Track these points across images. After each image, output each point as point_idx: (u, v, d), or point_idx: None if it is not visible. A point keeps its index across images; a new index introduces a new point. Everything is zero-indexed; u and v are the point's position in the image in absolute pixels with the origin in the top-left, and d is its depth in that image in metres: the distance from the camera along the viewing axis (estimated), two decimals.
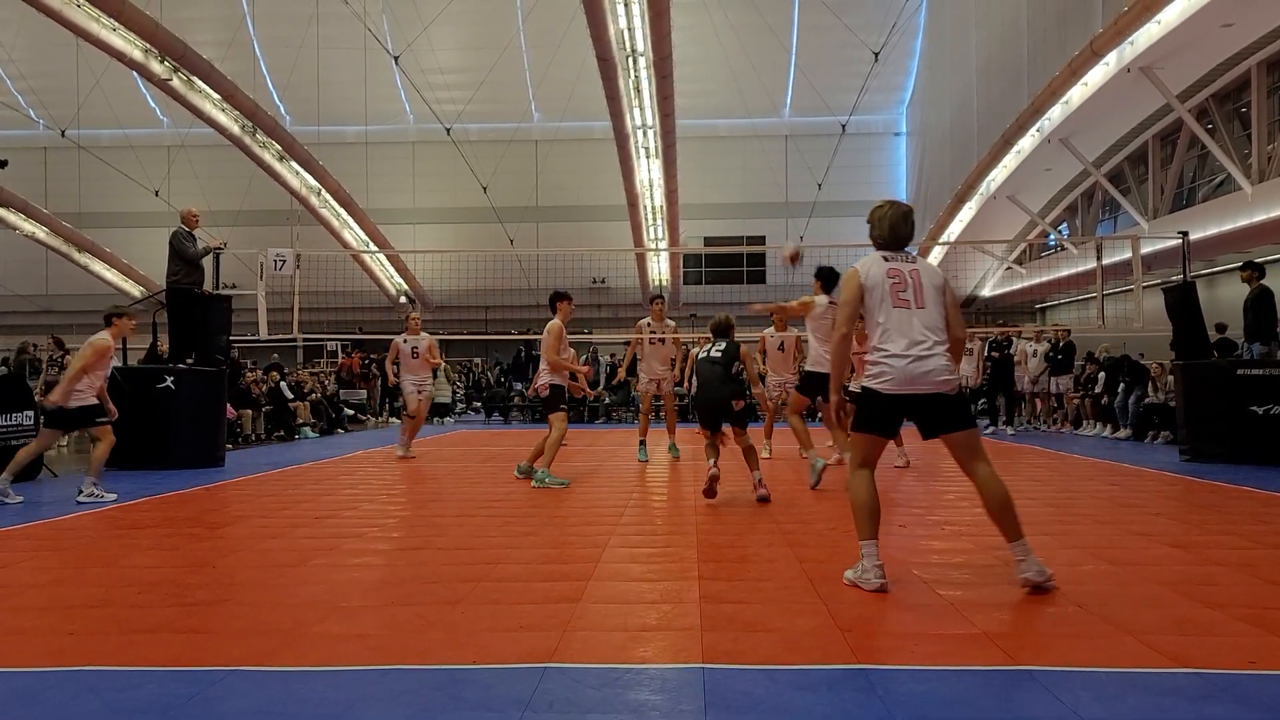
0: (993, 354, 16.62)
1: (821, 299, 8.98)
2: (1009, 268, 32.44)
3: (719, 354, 7.57)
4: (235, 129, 28.85)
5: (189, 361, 10.95)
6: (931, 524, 6.51)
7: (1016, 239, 30.78)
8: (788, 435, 11.80)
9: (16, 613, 4.21)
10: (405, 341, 12.36)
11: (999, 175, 27.32)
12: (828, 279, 9.11)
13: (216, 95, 27.10)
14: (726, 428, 7.64)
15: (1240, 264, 11.95)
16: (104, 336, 8.24)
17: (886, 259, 4.63)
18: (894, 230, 4.70)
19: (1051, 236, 30.57)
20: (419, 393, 12.37)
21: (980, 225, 29.85)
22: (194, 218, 11.31)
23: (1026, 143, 25.14)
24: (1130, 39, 18.83)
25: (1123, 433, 14.70)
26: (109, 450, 8.24)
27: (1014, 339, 17.08)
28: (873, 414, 4.54)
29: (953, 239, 30.40)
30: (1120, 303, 18.19)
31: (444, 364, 23.65)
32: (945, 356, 4.48)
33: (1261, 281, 11.32)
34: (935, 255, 32.52)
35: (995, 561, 5.16)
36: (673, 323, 11.30)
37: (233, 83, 26.86)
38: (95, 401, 8.14)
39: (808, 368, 9.46)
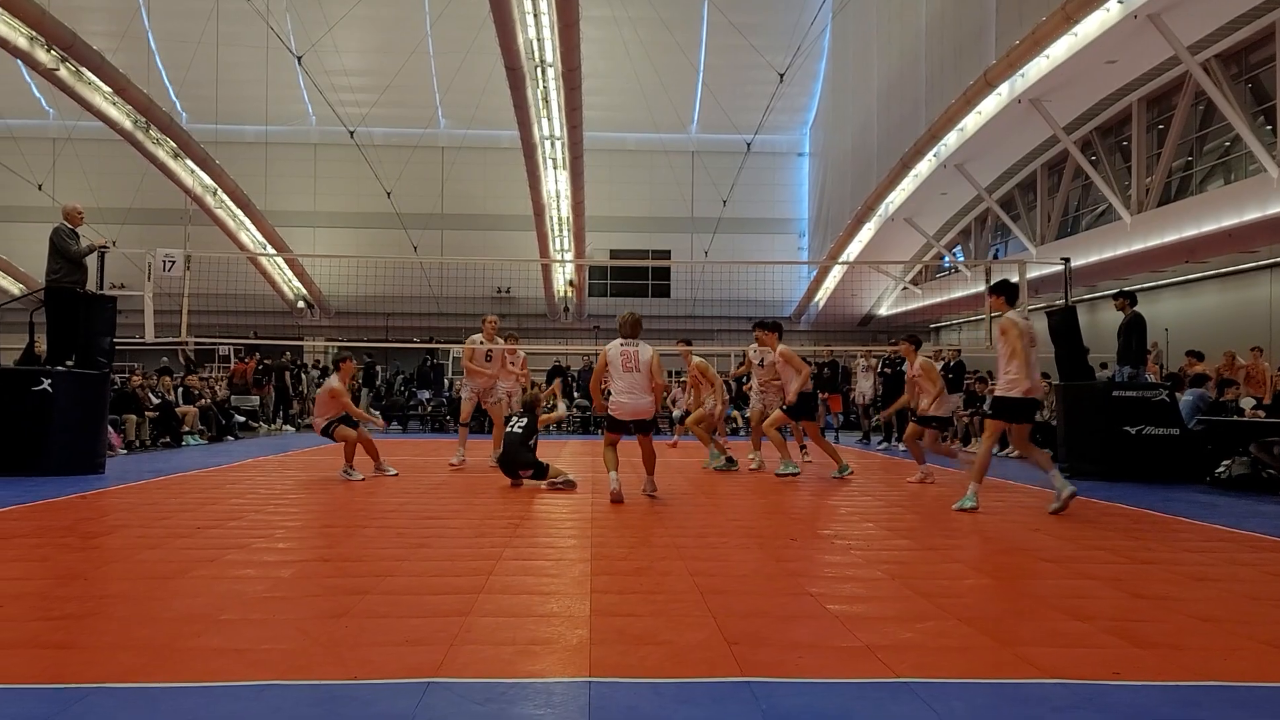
0: (885, 370, 17.04)
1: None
2: (905, 288, 33.39)
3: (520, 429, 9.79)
4: (127, 124, 27.82)
5: (69, 364, 10.48)
6: (822, 538, 6.64)
7: (912, 260, 31.70)
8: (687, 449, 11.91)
9: None
10: (481, 344, 11.69)
11: (897, 198, 28.13)
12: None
13: (107, 88, 26.07)
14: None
15: (1115, 292, 12.54)
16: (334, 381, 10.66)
17: (623, 344, 8.61)
18: (630, 329, 8.70)
19: (946, 259, 31.58)
20: (491, 399, 11.85)
21: (878, 246, 30.67)
22: (78, 214, 10.85)
23: (924, 167, 25.96)
24: (1021, 71, 19.64)
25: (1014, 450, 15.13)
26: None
27: (903, 357, 17.53)
28: (612, 425, 8.71)
29: (852, 259, 31.18)
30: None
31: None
32: (647, 398, 8.55)
33: (1134, 308, 11.90)
34: (835, 274, 33.31)
35: (882, 575, 5.29)
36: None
37: (125, 76, 25.86)
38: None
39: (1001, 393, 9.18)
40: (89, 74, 25.26)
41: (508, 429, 9.79)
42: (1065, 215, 24.81)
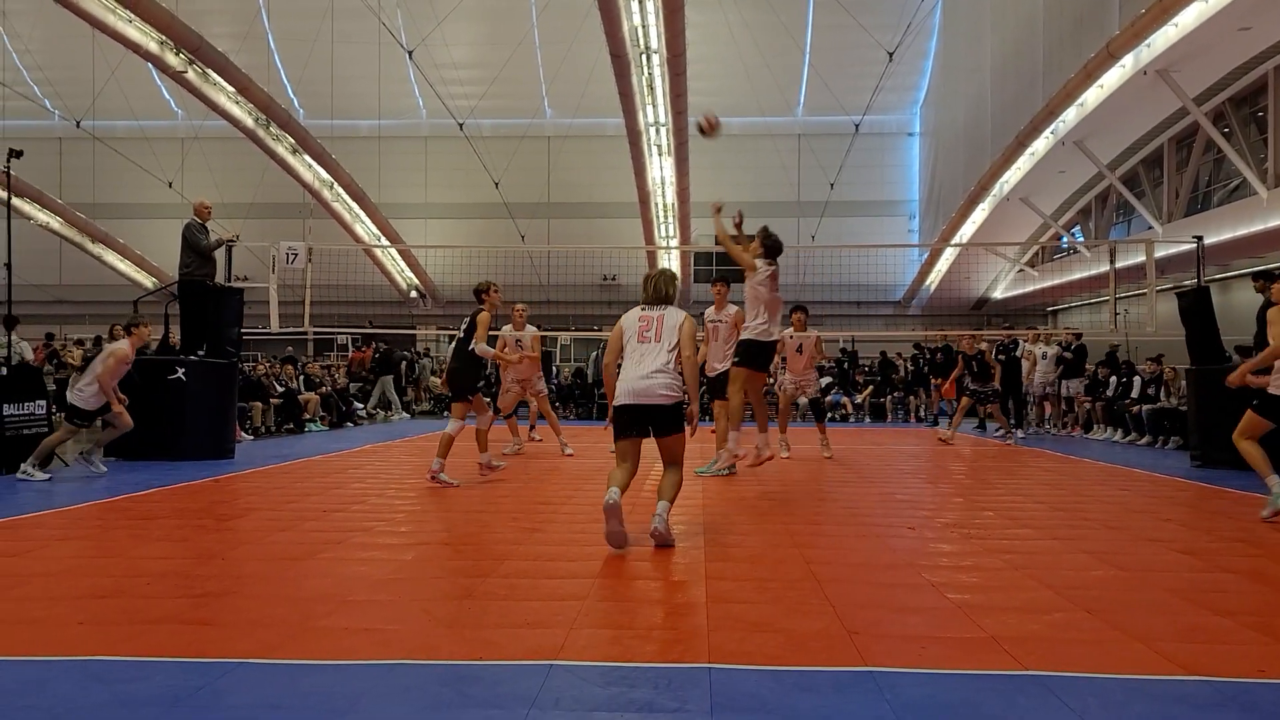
0: (999, 357, 16.53)
1: (762, 265, 8.44)
2: (1021, 270, 32.34)
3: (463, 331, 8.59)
4: (249, 122, 28.92)
5: (201, 353, 10.99)
6: (940, 527, 6.49)
7: (1029, 241, 30.66)
8: (800, 435, 11.82)
9: (26, 602, 4.23)
10: (512, 334, 11.68)
11: (1012, 177, 27.22)
12: (771, 248, 8.57)
13: (231, 88, 27.15)
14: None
15: (1254, 270, 11.89)
16: (123, 345, 9.20)
17: (643, 309, 5.99)
18: (655, 289, 6.05)
19: (1064, 239, 30.47)
20: (522, 390, 11.78)
21: (992, 227, 29.75)
22: (206, 210, 11.33)
23: (1040, 145, 25.04)
24: (1147, 41, 18.74)
25: (1144, 439, 14.42)
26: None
27: (1020, 341, 17.01)
28: (616, 424, 5.81)
29: (965, 240, 30.33)
30: (1133, 307, 18.13)
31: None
32: (664, 377, 5.68)
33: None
34: (946, 256, 32.47)
35: (1003, 565, 5.15)
36: (735, 307, 9.70)
37: (247, 76, 26.89)
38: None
39: (746, 336, 8.50)
40: (214, 75, 26.35)
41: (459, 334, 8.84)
42: (1194, 191, 23.62)
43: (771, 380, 11.33)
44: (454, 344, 8.95)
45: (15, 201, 32.00)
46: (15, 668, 3.33)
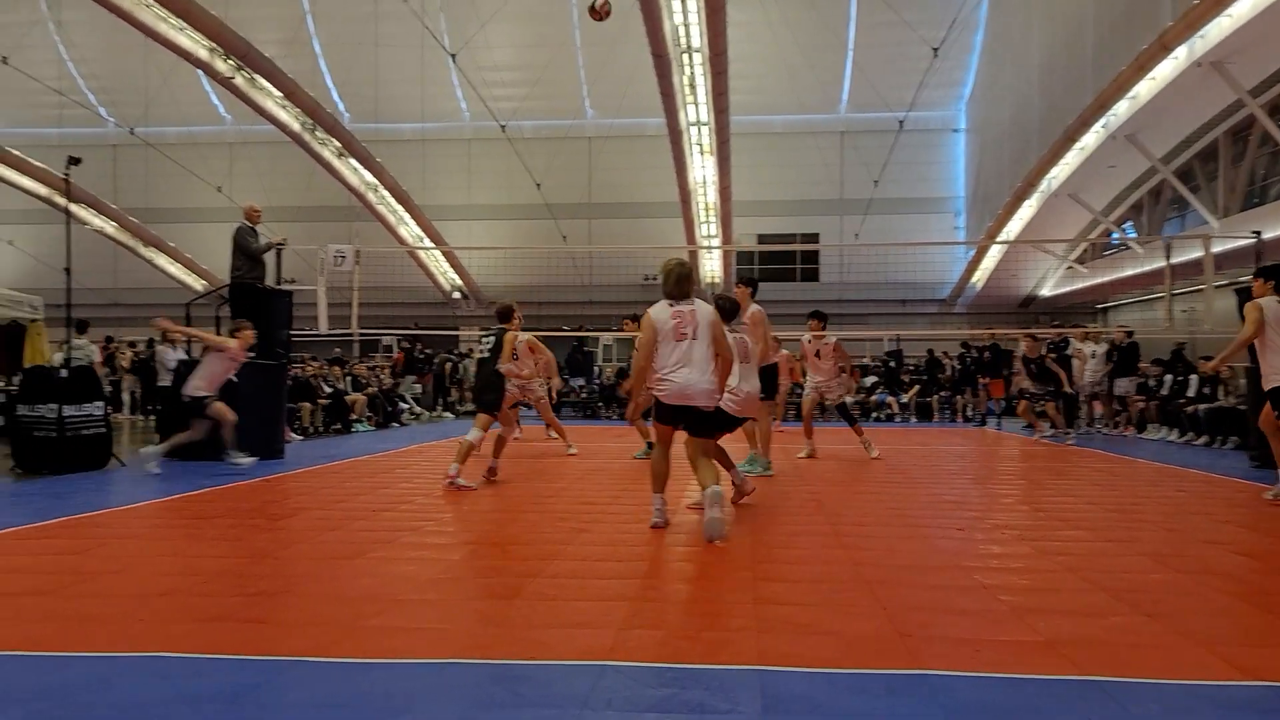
0: (1049, 355, 16.28)
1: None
2: (1070, 267, 31.83)
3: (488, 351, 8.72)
4: (296, 126, 29.31)
5: (251, 355, 11.14)
6: (990, 528, 6.40)
7: (1078, 238, 30.17)
8: (829, 435, 11.75)
9: (87, 599, 4.32)
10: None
11: (1060, 173, 26.79)
12: (726, 314, 7.28)
13: (278, 93, 27.54)
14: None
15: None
16: (231, 342, 9.93)
17: (672, 305, 6.07)
18: (677, 283, 6.14)
19: (1115, 235, 29.93)
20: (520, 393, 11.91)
21: (1040, 223, 29.30)
22: (256, 213, 11.49)
23: (1090, 139, 24.62)
24: (1201, 33, 18.36)
25: (1201, 439, 14.07)
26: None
27: (1070, 340, 16.73)
28: (660, 413, 6.11)
29: (1012, 237, 29.92)
30: (1188, 303, 17.77)
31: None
32: (708, 378, 5.93)
33: None
34: (993, 253, 32.07)
35: (1057, 567, 5.07)
36: (755, 307, 8.86)
37: (293, 81, 27.28)
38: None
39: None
40: (261, 80, 26.76)
41: (480, 352, 8.97)
42: (1251, 185, 23.08)
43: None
44: (478, 362, 9.10)
45: (72, 207, 32.83)
46: (80, 663, 3.40)
